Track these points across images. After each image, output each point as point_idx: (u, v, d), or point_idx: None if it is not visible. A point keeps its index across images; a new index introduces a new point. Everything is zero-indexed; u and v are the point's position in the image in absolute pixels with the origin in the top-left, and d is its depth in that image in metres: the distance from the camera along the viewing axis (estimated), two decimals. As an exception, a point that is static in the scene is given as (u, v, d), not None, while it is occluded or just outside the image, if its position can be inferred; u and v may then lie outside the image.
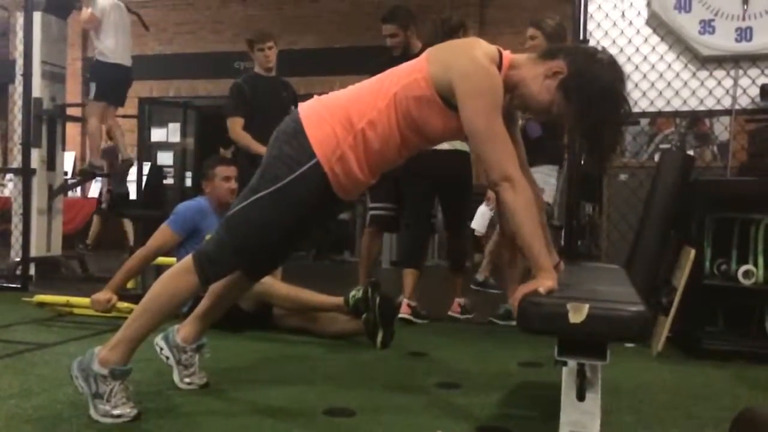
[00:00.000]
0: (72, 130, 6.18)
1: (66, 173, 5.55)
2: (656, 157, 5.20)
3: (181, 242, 3.44)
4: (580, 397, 1.54)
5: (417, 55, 4.12)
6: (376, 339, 3.12)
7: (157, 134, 9.75)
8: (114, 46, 5.13)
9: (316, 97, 2.04)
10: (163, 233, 3.42)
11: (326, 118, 1.91)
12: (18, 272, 4.80)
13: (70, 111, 5.48)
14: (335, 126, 1.89)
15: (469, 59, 1.79)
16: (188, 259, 2.02)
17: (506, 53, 1.85)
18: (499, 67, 1.81)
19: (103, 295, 3.22)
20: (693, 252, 3.06)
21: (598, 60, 1.79)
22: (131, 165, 5.14)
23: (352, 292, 3.17)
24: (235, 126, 4.18)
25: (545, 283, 1.57)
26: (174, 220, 3.45)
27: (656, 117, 4.37)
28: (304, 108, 1.98)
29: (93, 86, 5.17)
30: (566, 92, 1.75)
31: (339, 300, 3.20)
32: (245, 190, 2.01)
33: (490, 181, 1.76)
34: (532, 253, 1.67)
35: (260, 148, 4.11)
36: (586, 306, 1.42)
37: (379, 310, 3.11)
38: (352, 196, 2.05)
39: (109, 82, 5.14)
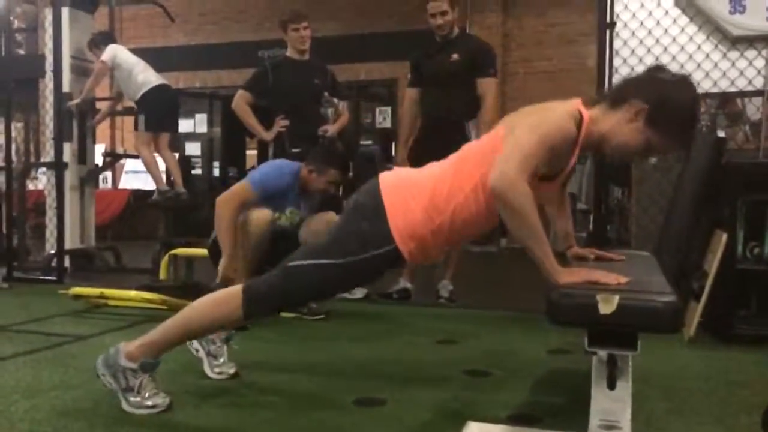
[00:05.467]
0: (101, 123, 6.26)
1: (96, 165, 5.63)
2: (686, 139, 5.11)
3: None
4: (611, 385, 1.54)
5: (457, 39, 3.98)
6: None
7: (184, 125, 9.82)
8: (144, 77, 5.02)
9: (396, 170, 2.09)
10: (246, 189, 3.24)
11: (410, 204, 1.87)
12: (53, 265, 4.90)
13: (98, 105, 5.55)
14: (419, 212, 1.86)
15: (544, 113, 1.78)
16: (237, 289, 1.99)
17: (585, 112, 1.80)
18: (580, 124, 1.77)
19: (230, 269, 3.16)
20: (725, 236, 3.02)
21: (666, 81, 1.79)
22: (184, 199, 5.11)
23: None
24: (240, 98, 4.21)
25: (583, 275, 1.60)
26: (256, 180, 3.26)
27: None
28: (387, 185, 1.92)
29: (142, 118, 5.07)
30: (657, 125, 1.75)
31: None
32: (314, 245, 2.00)
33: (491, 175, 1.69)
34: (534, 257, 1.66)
35: (256, 127, 4.11)
36: (617, 297, 1.41)
37: None
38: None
39: (157, 109, 5.08)
